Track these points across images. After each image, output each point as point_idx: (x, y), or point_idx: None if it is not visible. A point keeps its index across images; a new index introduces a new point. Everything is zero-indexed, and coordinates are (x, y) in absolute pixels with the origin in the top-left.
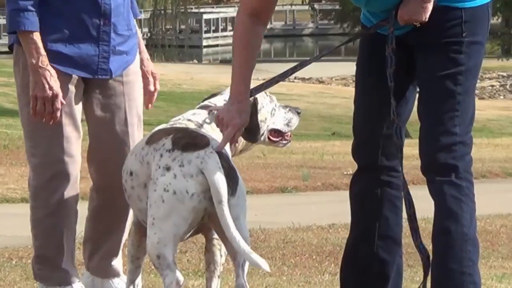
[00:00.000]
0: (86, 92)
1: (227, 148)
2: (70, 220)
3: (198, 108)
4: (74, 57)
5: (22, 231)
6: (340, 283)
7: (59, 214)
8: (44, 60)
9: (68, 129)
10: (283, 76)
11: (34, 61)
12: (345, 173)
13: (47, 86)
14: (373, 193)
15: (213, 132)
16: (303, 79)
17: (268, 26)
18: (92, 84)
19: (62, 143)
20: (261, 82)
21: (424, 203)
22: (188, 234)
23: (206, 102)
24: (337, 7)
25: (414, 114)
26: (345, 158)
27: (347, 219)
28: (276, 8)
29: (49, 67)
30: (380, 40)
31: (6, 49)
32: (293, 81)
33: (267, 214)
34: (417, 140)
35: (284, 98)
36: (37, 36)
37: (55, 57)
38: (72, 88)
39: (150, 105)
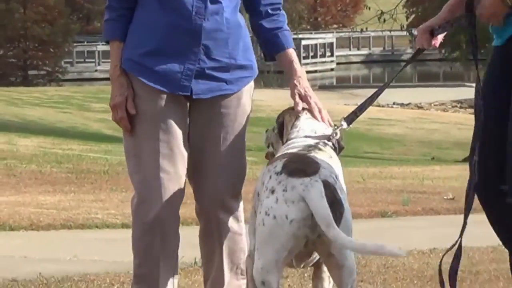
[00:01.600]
0: (189, 114)
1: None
2: (168, 239)
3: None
4: (159, 72)
5: (122, 257)
6: None
7: (155, 233)
8: (116, 71)
9: (164, 145)
10: (370, 101)
11: (110, 71)
12: (445, 197)
13: (114, 94)
14: None
15: (330, 160)
16: (401, 105)
17: (366, 52)
18: (193, 107)
19: (158, 160)
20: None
21: None
22: (294, 260)
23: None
24: None
25: None
26: (444, 183)
27: (448, 243)
28: (374, 34)
29: (121, 78)
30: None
31: (106, 75)
32: (392, 107)
33: (367, 239)
34: None
35: (383, 123)
36: (115, 46)
37: (141, 70)
38: (162, 103)
39: None
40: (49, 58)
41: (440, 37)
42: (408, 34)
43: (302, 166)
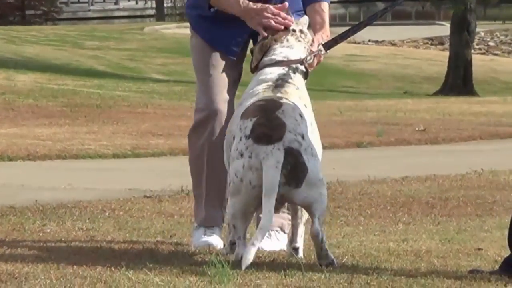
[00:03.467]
0: None
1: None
2: (216, 164)
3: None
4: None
5: (114, 185)
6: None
7: (205, 157)
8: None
9: (225, 77)
10: (352, 32)
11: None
12: (416, 129)
13: (257, 17)
14: None
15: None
16: (376, 42)
17: None
18: None
19: (220, 88)
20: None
21: (492, 157)
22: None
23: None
24: None
25: (482, 74)
26: (416, 115)
27: (419, 172)
28: None
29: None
30: None
31: (98, 15)
32: (367, 44)
33: (344, 168)
34: (484, 98)
35: (359, 59)
36: None
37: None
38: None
39: None
40: None
41: None
42: None
43: (268, 130)
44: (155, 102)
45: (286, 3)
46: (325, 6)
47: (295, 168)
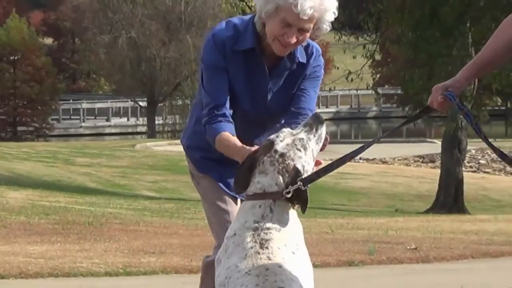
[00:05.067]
0: None
1: None
2: None
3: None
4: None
5: None
6: None
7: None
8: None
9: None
10: (349, 157)
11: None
12: (408, 247)
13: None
14: None
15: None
16: (367, 160)
17: (334, 110)
18: None
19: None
20: (329, 162)
21: (484, 276)
22: None
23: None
24: (399, 91)
25: (472, 192)
26: (408, 234)
27: None
28: (342, 92)
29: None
30: None
31: (90, 131)
32: (358, 162)
33: (336, 287)
34: (475, 216)
35: (350, 177)
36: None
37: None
38: None
39: None
40: (37, 115)
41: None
42: (373, 92)
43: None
44: (147, 220)
45: None
46: None
47: None
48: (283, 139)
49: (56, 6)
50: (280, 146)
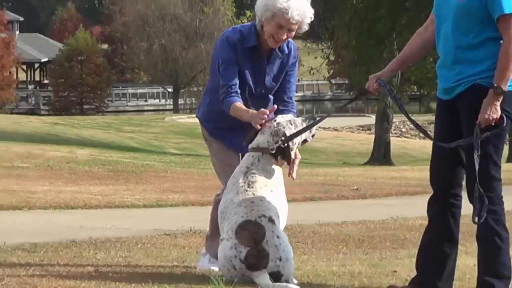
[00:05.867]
0: None
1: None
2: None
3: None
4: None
5: (144, 226)
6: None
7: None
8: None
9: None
10: (312, 125)
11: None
12: (352, 188)
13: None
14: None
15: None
16: (324, 128)
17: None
18: None
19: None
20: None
21: (403, 208)
22: None
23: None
24: (347, 81)
25: (397, 151)
26: (352, 179)
27: (354, 218)
28: (307, 82)
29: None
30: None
31: (133, 109)
32: (317, 130)
33: (301, 215)
34: (399, 167)
35: (312, 141)
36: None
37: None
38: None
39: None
40: (97, 97)
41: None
42: (328, 82)
43: (257, 261)
44: (172, 169)
45: (275, 106)
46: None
47: (277, 279)
48: (284, 116)
49: (110, 23)
50: (280, 119)
